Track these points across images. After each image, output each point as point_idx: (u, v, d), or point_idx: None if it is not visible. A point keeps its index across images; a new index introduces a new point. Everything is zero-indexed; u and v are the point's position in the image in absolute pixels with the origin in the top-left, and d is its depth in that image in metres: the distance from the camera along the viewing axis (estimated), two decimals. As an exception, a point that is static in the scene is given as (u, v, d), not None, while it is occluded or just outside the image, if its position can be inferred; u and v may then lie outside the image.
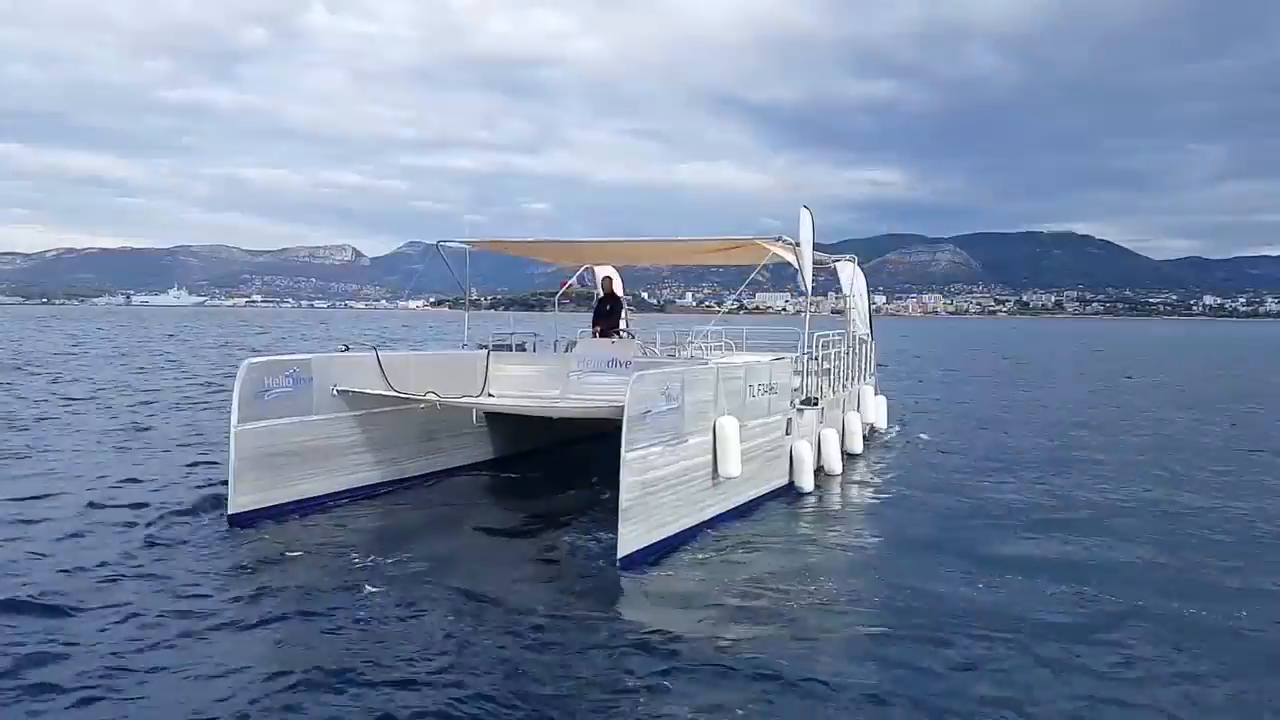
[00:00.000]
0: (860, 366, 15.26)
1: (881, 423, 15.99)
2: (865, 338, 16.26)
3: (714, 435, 8.83)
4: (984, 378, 33.69)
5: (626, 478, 7.56)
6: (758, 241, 11.14)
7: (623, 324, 16.04)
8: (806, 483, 10.78)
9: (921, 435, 16.52)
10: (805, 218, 11.20)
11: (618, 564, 7.52)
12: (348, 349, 10.73)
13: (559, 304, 16.67)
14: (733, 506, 9.42)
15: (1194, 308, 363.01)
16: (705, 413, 8.70)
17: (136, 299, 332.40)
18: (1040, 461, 13.65)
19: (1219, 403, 23.64)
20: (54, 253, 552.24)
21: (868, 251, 16.75)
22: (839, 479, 11.91)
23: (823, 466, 11.83)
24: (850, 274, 16.22)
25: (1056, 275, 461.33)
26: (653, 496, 7.94)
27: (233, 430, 8.80)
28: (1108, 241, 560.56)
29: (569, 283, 16.42)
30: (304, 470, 9.54)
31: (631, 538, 7.63)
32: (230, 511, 8.81)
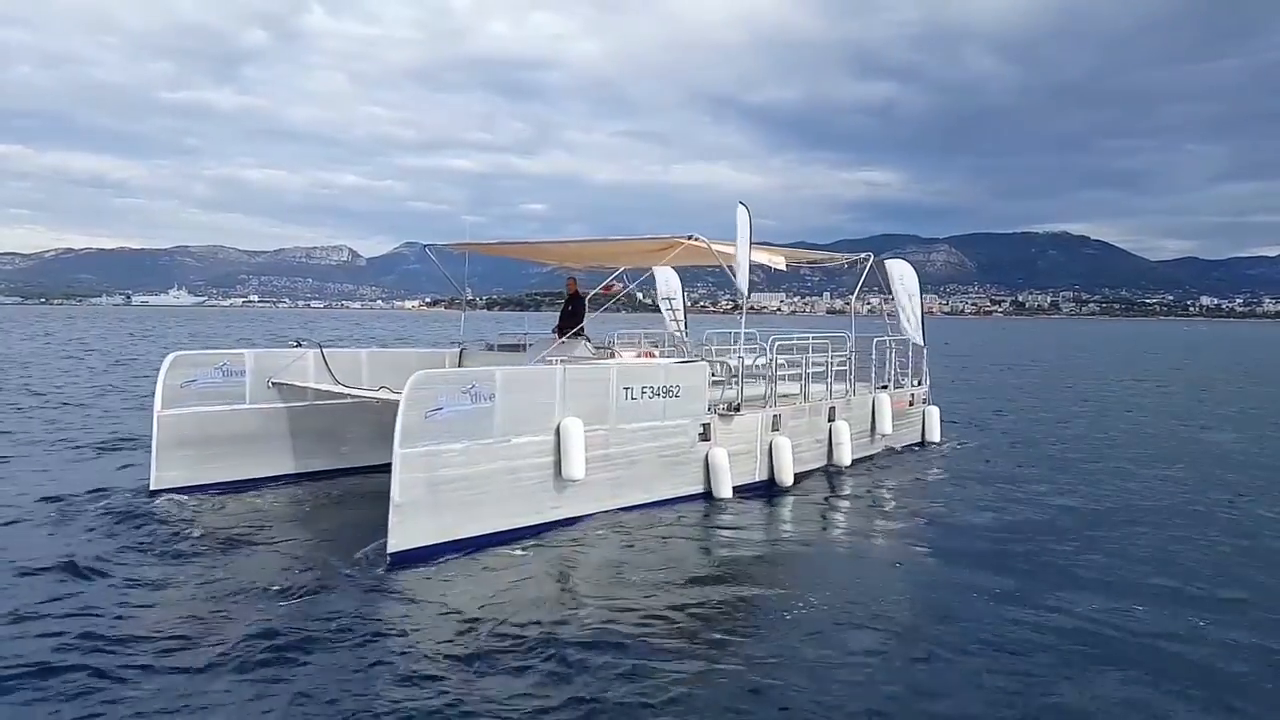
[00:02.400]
0: (877, 372, 14.14)
1: (934, 435, 14.96)
2: (904, 339, 15.00)
3: (557, 436, 8.75)
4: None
5: (401, 475, 7.53)
6: (677, 239, 10.94)
7: (677, 325, 16.04)
8: (724, 491, 10.20)
9: (971, 452, 14.49)
10: (742, 215, 10.85)
11: (388, 559, 7.48)
12: (299, 344, 11.07)
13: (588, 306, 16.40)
14: (598, 510, 9.13)
15: (1190, 308, 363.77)
16: (544, 413, 8.61)
17: (136, 299, 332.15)
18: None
19: None
20: (53, 253, 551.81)
21: (863, 252, 15.99)
22: (791, 490, 11.07)
23: (774, 477, 11.20)
24: (900, 273, 15.33)
25: (1052, 276, 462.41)
26: (449, 495, 7.87)
27: (155, 415, 9.78)
28: (1103, 242, 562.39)
29: (609, 282, 16.05)
30: (232, 454, 10.26)
31: (409, 535, 7.60)
32: (152, 487, 9.76)
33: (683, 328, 16.39)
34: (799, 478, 11.43)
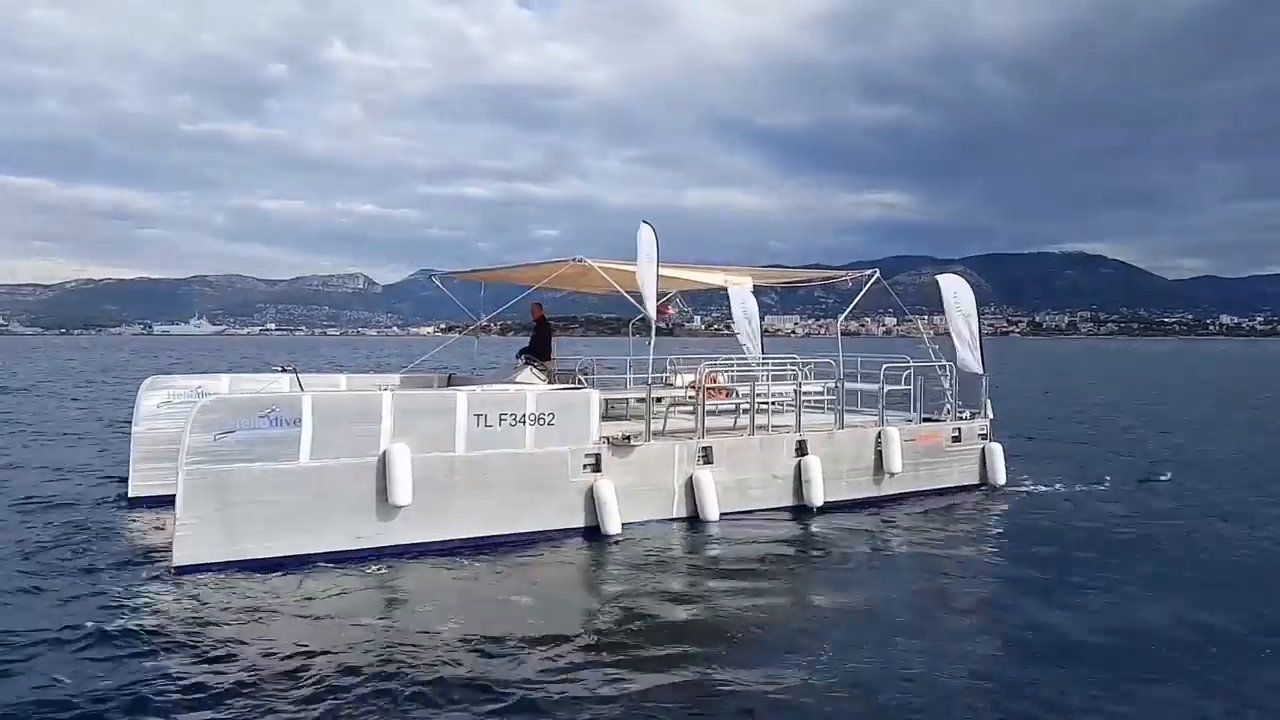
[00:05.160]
0: (903, 402, 12.85)
1: (998, 476, 12.86)
2: (953, 366, 13.46)
3: (383, 462, 8.64)
4: None
5: (185, 493, 7.79)
6: (565, 261, 10.80)
7: (748, 348, 15.99)
8: (611, 527, 9.62)
9: (1035, 501, 12.10)
10: (645, 234, 10.27)
11: (172, 572, 7.78)
12: (284, 369, 11.40)
13: (633, 329, 15.80)
14: (441, 538, 8.92)
15: (1210, 327, 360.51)
16: (366, 438, 8.57)
17: (157, 328, 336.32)
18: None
19: None
20: (74, 284, 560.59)
21: (872, 271, 14.61)
22: (715, 524, 10.18)
23: (698, 514, 10.40)
24: (953, 290, 14.23)
25: (1069, 296, 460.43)
26: (242, 515, 7.99)
27: (132, 432, 10.89)
28: (1120, 261, 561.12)
29: (661, 305, 15.54)
30: None
31: (195, 551, 7.82)
32: (129, 495, 10.86)
33: (759, 351, 16.19)
34: (744, 516, 10.55)
